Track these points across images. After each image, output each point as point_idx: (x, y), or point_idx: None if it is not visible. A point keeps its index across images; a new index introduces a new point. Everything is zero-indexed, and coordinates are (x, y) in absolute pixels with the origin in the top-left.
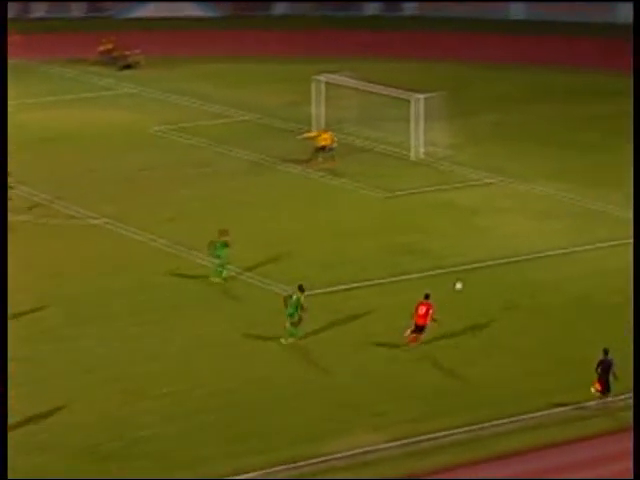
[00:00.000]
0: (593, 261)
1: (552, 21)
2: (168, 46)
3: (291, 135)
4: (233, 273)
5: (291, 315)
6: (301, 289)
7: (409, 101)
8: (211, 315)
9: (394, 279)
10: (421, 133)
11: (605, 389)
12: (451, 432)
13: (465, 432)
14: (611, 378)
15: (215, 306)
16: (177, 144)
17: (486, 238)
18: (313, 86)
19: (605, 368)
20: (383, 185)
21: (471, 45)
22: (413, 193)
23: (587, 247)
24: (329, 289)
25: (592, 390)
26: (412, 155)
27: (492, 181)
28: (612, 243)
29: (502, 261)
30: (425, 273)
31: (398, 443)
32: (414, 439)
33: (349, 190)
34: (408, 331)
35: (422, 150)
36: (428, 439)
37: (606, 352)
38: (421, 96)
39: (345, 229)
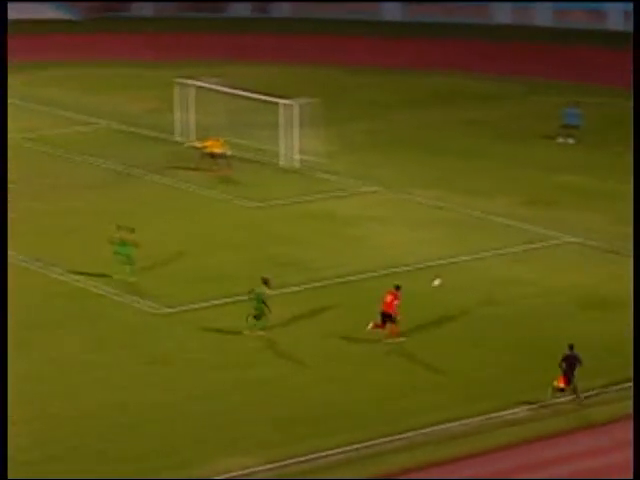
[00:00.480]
0: (474, 271)
1: (428, 23)
2: (25, 50)
3: (156, 143)
4: (95, 290)
5: (255, 308)
6: (266, 283)
7: (282, 107)
8: (70, 335)
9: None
10: (295, 140)
11: (568, 384)
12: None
13: (343, 452)
14: (576, 374)
15: (75, 325)
16: (34, 154)
17: (364, 249)
18: (177, 91)
19: (571, 363)
20: (255, 195)
21: (343, 48)
22: (287, 203)
23: (467, 257)
24: (201, 305)
25: (555, 385)
26: (284, 163)
27: (368, 190)
28: (493, 252)
29: (381, 272)
30: (302, 286)
31: (272, 466)
32: (287, 461)
33: (220, 200)
34: (372, 324)
35: (296, 158)
36: (302, 461)
37: (571, 347)
38: (292, 102)
39: (216, 241)
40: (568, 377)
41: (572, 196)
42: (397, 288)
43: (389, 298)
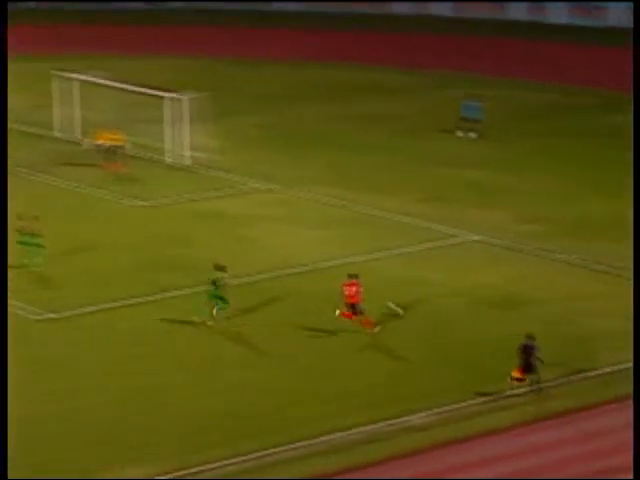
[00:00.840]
0: (372, 271)
1: (324, 14)
2: None
3: (39, 140)
4: None
5: (222, 298)
6: (222, 269)
7: (169, 102)
8: None
9: (154, 297)
10: (185, 136)
11: (527, 373)
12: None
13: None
14: (537, 363)
15: None
16: None
17: (257, 249)
18: (56, 85)
19: (530, 353)
20: (144, 194)
21: (236, 41)
22: (175, 202)
23: (365, 257)
24: (86, 309)
25: (512, 375)
26: (173, 160)
27: (262, 187)
28: (391, 252)
29: (275, 274)
30: (190, 290)
31: (172, 475)
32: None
33: (107, 200)
34: (338, 311)
35: (186, 155)
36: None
37: (530, 337)
38: (179, 96)
39: (102, 243)
40: (528, 366)
41: (473, 193)
42: (354, 277)
43: (352, 289)
